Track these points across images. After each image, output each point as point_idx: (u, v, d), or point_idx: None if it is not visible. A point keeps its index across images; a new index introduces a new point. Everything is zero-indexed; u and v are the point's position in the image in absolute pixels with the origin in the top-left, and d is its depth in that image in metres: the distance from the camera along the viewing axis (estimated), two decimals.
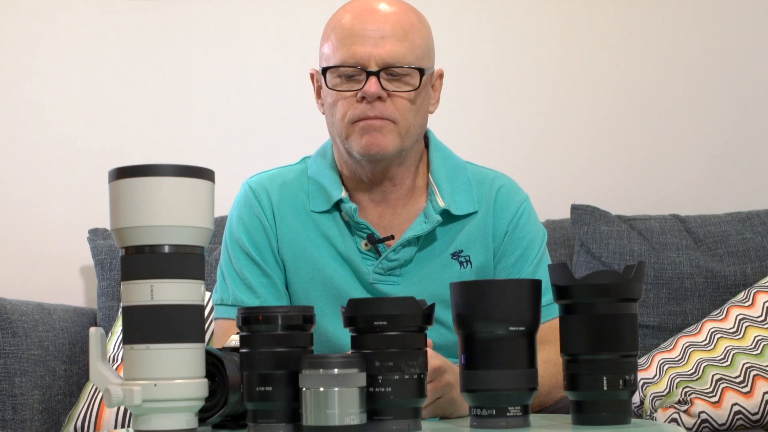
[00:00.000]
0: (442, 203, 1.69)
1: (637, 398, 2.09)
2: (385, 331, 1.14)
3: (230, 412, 1.22)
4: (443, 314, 1.63)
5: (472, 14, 2.72)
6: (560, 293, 1.19)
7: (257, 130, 2.69)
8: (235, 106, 2.70)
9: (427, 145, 1.78)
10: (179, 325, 1.11)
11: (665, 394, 2.05)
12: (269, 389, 1.13)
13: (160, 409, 1.11)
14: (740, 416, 2.00)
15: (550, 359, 1.56)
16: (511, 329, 1.15)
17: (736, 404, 2.00)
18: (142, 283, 1.12)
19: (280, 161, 1.85)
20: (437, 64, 1.73)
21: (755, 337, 2.11)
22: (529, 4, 2.73)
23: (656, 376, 2.09)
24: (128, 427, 2.13)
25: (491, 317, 1.16)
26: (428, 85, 1.69)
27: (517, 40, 2.73)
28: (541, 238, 1.76)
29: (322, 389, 1.09)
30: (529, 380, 1.17)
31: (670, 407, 2.03)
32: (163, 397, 1.10)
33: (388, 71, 1.62)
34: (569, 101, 2.72)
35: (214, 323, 1.76)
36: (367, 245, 1.69)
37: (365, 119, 1.62)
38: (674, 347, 2.15)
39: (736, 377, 2.03)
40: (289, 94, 2.68)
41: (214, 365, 1.21)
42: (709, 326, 2.17)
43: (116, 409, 2.14)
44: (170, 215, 1.12)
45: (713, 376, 2.04)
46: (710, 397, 2.01)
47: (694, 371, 2.06)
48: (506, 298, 1.16)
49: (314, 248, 1.70)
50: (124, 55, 2.68)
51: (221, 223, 2.26)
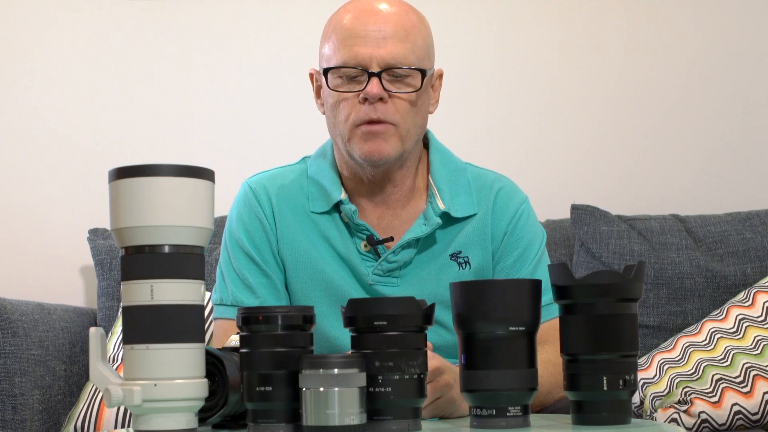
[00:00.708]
0: (441, 205, 1.69)
1: (637, 398, 2.09)
2: (385, 331, 1.14)
3: (230, 412, 1.22)
4: (442, 315, 1.63)
5: (471, 14, 2.72)
6: (560, 293, 1.19)
7: (257, 130, 2.69)
8: (235, 106, 2.70)
9: (426, 146, 1.77)
10: (179, 325, 1.11)
11: (665, 394, 2.05)
12: (269, 389, 1.13)
13: (160, 409, 1.11)
14: (740, 416, 2.00)
15: (549, 359, 1.56)
16: (511, 329, 1.16)
17: (736, 404, 2.00)
18: (142, 283, 1.12)
19: (280, 161, 1.85)
20: (437, 64, 1.73)
21: (755, 337, 2.11)
22: (528, 4, 2.73)
23: (656, 376, 2.09)
24: (128, 427, 2.13)
25: (491, 317, 1.16)
26: (429, 85, 1.69)
27: (517, 40, 2.73)
28: (540, 239, 1.75)
29: (322, 389, 1.09)
30: (529, 380, 1.17)
31: (670, 407, 2.03)
32: (163, 397, 1.10)
33: (389, 72, 1.61)
34: (569, 101, 2.72)
35: (213, 323, 1.76)
36: (366, 246, 1.69)
37: (367, 123, 1.61)
38: (674, 347, 2.15)
39: (736, 377, 2.03)
40: (289, 94, 2.68)
41: (214, 365, 1.21)
42: (709, 326, 2.17)
43: (116, 409, 2.14)
44: (170, 215, 1.12)
45: (713, 376, 2.04)
46: (710, 397, 2.01)
47: (694, 371, 2.06)
48: (506, 298, 1.16)
49: (314, 249, 1.70)
50: (124, 55, 2.68)
51: (221, 223, 2.26)
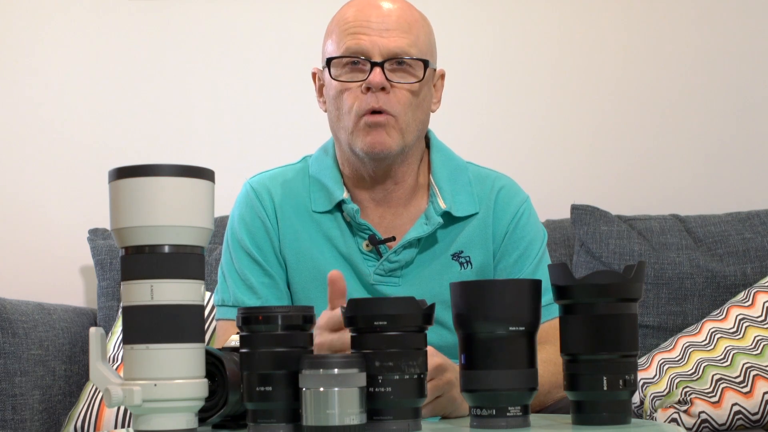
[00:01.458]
0: (443, 205, 1.69)
1: (637, 398, 2.09)
2: (385, 331, 1.14)
3: (230, 412, 1.22)
4: (443, 315, 1.63)
5: (472, 14, 2.72)
6: (560, 293, 1.19)
7: (257, 130, 2.69)
8: (235, 106, 2.70)
9: (428, 145, 1.78)
10: (179, 325, 1.11)
11: (665, 394, 2.05)
12: (269, 389, 1.13)
13: (160, 409, 1.11)
14: (740, 416, 2.00)
15: (549, 359, 1.56)
16: (511, 329, 1.15)
17: (736, 404, 2.00)
18: (142, 283, 1.12)
19: (280, 161, 1.85)
20: (438, 64, 1.73)
21: (755, 337, 2.11)
22: (528, 4, 2.73)
23: (656, 376, 2.09)
24: (128, 427, 2.13)
25: (491, 317, 1.16)
26: (429, 82, 1.69)
27: (517, 40, 2.73)
28: (541, 238, 1.75)
29: (322, 389, 1.09)
30: (529, 380, 1.17)
31: (670, 407, 2.03)
32: (163, 397, 1.10)
33: (392, 62, 1.62)
34: (569, 101, 2.72)
35: (214, 323, 1.76)
36: (368, 246, 1.69)
37: (369, 114, 1.62)
38: (674, 347, 2.15)
39: (736, 377, 2.03)
40: (289, 94, 2.68)
41: (214, 365, 1.21)
42: (709, 326, 2.17)
43: (116, 409, 2.14)
44: (170, 215, 1.11)
45: (713, 376, 2.04)
46: (710, 397, 2.01)
47: (694, 371, 2.06)
48: (506, 298, 1.16)
49: (315, 248, 1.70)
50: (124, 54, 2.68)
51: (221, 223, 2.26)
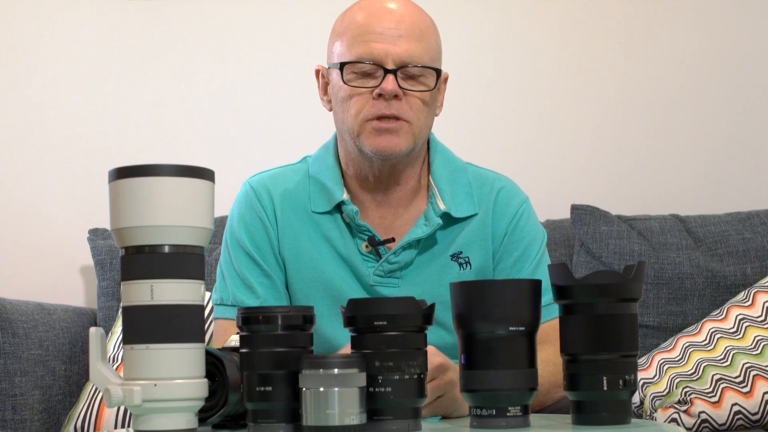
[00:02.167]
0: (442, 206, 1.69)
1: (637, 398, 2.09)
2: (385, 331, 1.14)
3: (230, 412, 1.22)
4: (443, 316, 1.63)
5: (472, 15, 2.72)
6: (560, 293, 1.19)
7: (257, 130, 2.69)
8: (235, 106, 2.70)
9: (427, 146, 1.78)
10: (179, 325, 1.11)
11: (665, 394, 2.05)
12: (269, 389, 1.13)
13: (160, 409, 1.11)
14: (740, 416, 2.00)
15: (549, 359, 1.56)
16: (511, 329, 1.15)
17: (736, 404, 2.00)
18: (142, 283, 1.12)
19: (280, 161, 1.85)
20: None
21: (755, 337, 2.11)
22: (529, 4, 2.73)
23: (656, 376, 2.09)
24: (128, 427, 2.13)
25: (491, 317, 1.16)
26: (440, 86, 1.69)
27: (516, 40, 2.73)
28: (540, 239, 1.75)
29: (322, 389, 1.09)
30: (529, 380, 1.17)
31: (670, 407, 2.03)
32: (163, 397, 1.10)
33: (404, 70, 1.61)
34: (569, 101, 2.72)
35: (214, 323, 1.76)
36: (367, 247, 1.69)
37: (379, 119, 1.61)
38: (674, 347, 2.15)
39: (736, 377, 2.03)
40: (289, 93, 2.68)
41: (214, 365, 1.21)
42: (709, 326, 2.17)
43: (116, 409, 2.14)
44: (170, 215, 1.12)
45: (713, 376, 2.04)
46: (710, 397, 2.01)
47: (694, 371, 2.06)
48: (506, 298, 1.16)
49: (315, 249, 1.70)
50: (124, 55, 2.68)
51: (221, 223, 2.26)
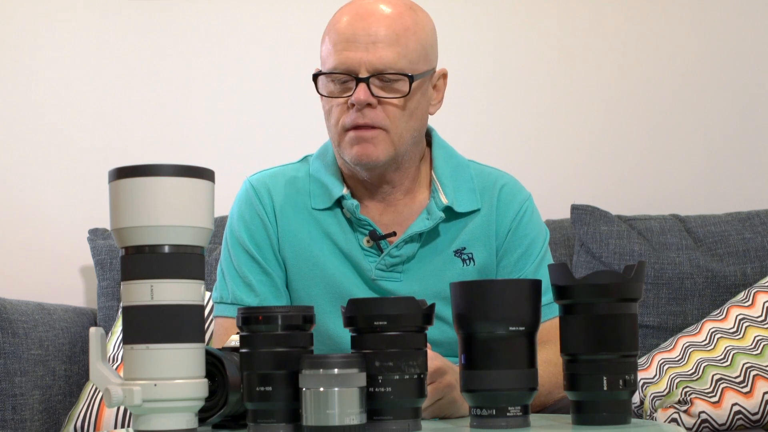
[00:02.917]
0: (444, 200, 1.69)
1: (637, 398, 2.09)
2: (385, 331, 1.14)
3: (230, 412, 1.22)
4: (445, 311, 1.63)
5: (472, 14, 2.72)
6: (560, 293, 1.19)
7: (257, 130, 2.69)
8: (235, 106, 2.70)
9: (429, 143, 1.78)
10: (179, 325, 1.11)
11: (665, 394, 2.05)
12: (269, 389, 1.13)
13: (160, 409, 1.11)
14: (740, 416, 2.00)
15: (550, 359, 1.56)
16: (511, 329, 1.15)
17: (736, 404, 2.00)
18: (142, 283, 1.12)
19: (280, 161, 1.85)
20: (438, 64, 1.72)
21: (755, 337, 2.11)
22: (529, 4, 2.73)
23: (656, 376, 2.09)
24: (128, 427, 2.13)
25: (491, 317, 1.16)
26: (422, 88, 1.66)
27: (517, 40, 2.73)
28: (543, 237, 1.76)
29: (322, 389, 1.09)
30: (529, 380, 1.17)
31: (670, 407, 2.03)
32: (163, 397, 1.10)
33: (378, 77, 1.61)
34: (569, 101, 2.72)
35: (213, 321, 1.76)
36: (369, 242, 1.69)
37: (355, 129, 1.62)
38: (674, 347, 2.15)
39: (736, 377, 2.03)
40: (289, 93, 2.68)
41: (214, 365, 1.21)
42: (709, 326, 2.17)
43: (116, 409, 2.14)
44: (170, 215, 1.12)
45: (713, 376, 2.04)
46: (710, 397, 2.01)
47: (694, 371, 2.06)
48: (506, 298, 1.16)
49: (315, 246, 1.70)
50: (124, 55, 2.68)
51: (221, 222, 2.26)
